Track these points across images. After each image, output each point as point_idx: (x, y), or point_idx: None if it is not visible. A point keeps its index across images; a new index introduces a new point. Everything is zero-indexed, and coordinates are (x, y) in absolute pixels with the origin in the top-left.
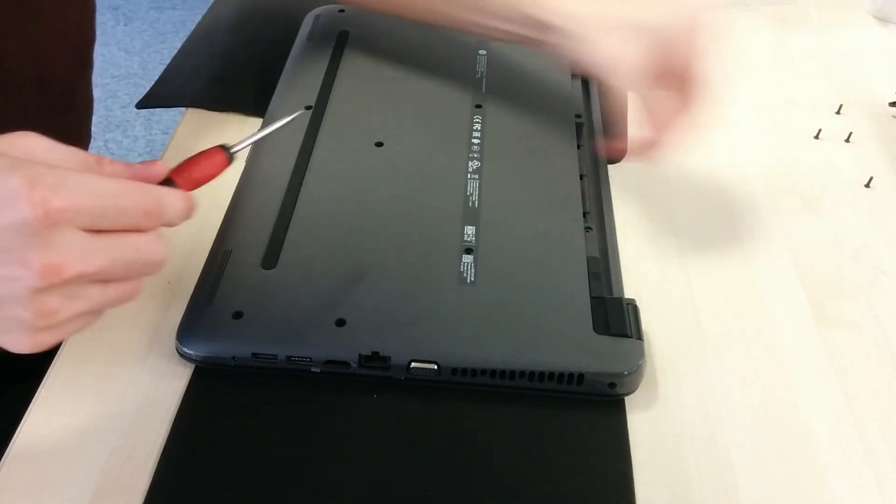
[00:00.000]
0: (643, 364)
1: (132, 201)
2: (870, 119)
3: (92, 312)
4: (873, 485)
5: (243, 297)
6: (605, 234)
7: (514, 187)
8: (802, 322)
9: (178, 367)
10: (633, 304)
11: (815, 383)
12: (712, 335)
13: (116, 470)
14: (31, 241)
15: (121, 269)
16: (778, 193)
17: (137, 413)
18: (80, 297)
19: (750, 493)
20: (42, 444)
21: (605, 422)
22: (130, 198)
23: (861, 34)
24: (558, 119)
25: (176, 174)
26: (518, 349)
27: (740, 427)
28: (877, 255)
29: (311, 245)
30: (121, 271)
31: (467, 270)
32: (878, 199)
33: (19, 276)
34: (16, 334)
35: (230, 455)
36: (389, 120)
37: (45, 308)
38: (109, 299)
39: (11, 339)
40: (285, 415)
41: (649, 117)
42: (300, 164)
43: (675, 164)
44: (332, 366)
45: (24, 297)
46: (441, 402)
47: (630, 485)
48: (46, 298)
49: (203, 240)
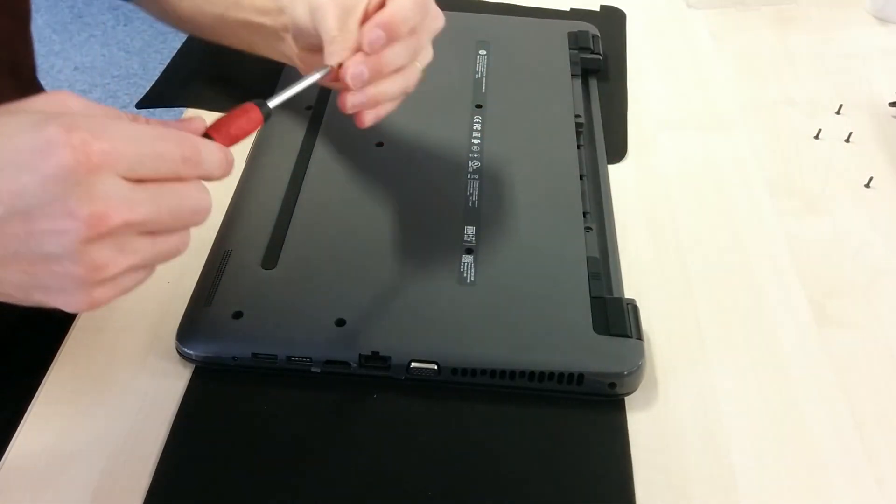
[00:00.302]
0: (643, 364)
1: (171, 147)
2: (870, 119)
3: (144, 267)
4: (873, 485)
5: (243, 297)
6: (605, 234)
7: (514, 187)
8: (802, 322)
9: (178, 367)
10: (633, 304)
11: (815, 383)
12: (712, 335)
13: (116, 470)
14: (74, 190)
15: (167, 219)
16: (778, 193)
17: (137, 413)
18: (130, 250)
19: (750, 493)
20: (42, 444)
21: (605, 422)
22: (169, 143)
23: (861, 34)
24: (558, 119)
25: (213, 130)
26: (518, 349)
27: (740, 427)
28: (877, 255)
29: (311, 245)
30: (167, 220)
31: (467, 271)
32: (878, 199)
33: (67, 229)
34: (71, 293)
35: (230, 455)
36: (389, 120)
37: (97, 261)
38: (160, 252)
39: (68, 299)
40: (285, 415)
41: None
42: (300, 164)
43: (676, 164)
44: (332, 366)
45: (74, 252)
46: (441, 402)
47: (630, 485)
48: (96, 250)
49: (203, 240)
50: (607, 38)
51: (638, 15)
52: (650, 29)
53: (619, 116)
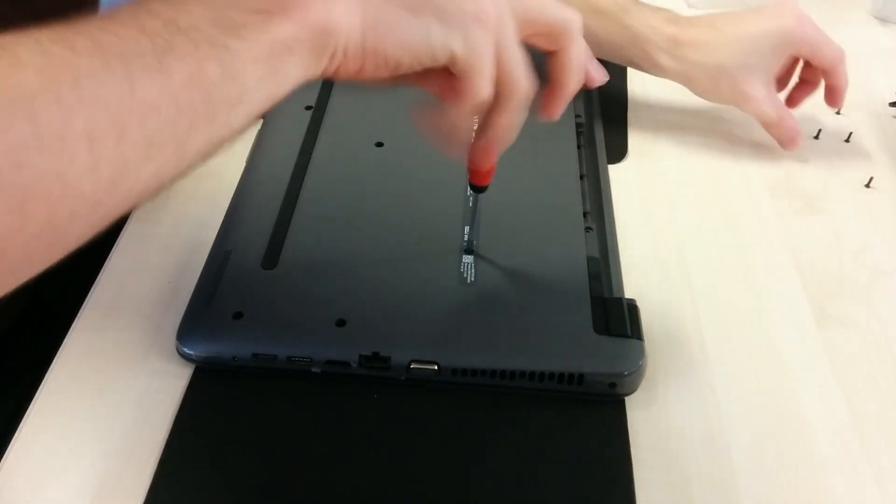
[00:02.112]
0: (643, 364)
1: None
2: (870, 119)
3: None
4: (873, 484)
5: (243, 297)
6: (605, 234)
7: (514, 188)
8: (802, 322)
9: (178, 367)
10: (633, 304)
11: (815, 383)
12: (712, 335)
13: (116, 470)
14: None
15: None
16: (778, 193)
17: (137, 413)
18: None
19: (750, 493)
20: (42, 444)
21: (605, 422)
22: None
23: (861, 34)
24: (558, 119)
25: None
26: (518, 349)
27: (740, 427)
28: (877, 255)
29: (311, 245)
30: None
31: (467, 270)
32: (878, 199)
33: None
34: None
35: (230, 455)
36: (389, 120)
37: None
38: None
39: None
40: (285, 415)
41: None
42: (300, 164)
43: (676, 165)
44: (333, 366)
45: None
46: (441, 402)
47: (630, 485)
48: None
49: (203, 240)
50: None
51: None
52: None
53: (620, 116)
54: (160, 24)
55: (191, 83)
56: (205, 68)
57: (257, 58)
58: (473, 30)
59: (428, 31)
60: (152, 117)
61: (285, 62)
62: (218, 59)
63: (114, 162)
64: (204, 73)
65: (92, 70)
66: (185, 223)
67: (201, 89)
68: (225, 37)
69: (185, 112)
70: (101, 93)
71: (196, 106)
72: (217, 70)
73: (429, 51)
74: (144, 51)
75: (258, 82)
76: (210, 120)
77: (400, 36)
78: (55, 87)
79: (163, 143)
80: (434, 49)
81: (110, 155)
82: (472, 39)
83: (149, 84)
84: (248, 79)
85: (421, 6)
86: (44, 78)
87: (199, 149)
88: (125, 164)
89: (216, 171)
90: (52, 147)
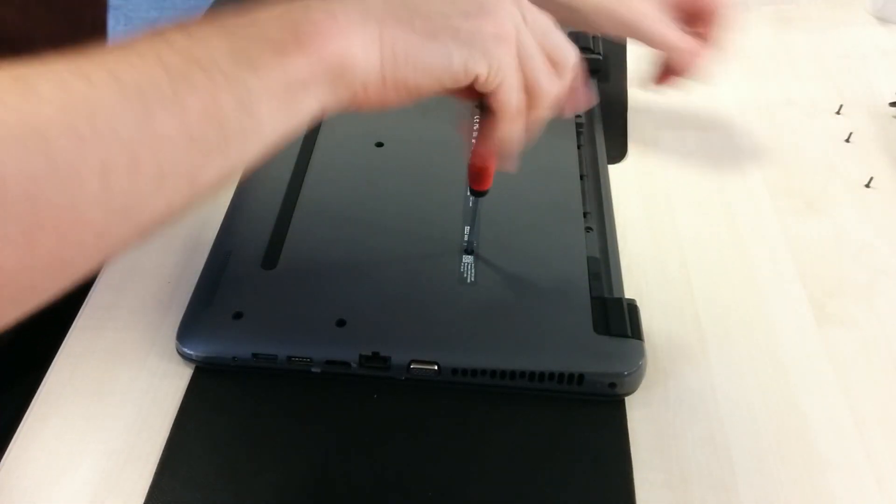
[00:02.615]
0: (643, 364)
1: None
2: (870, 119)
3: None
4: (873, 485)
5: (243, 297)
6: (605, 234)
7: (514, 187)
8: (802, 322)
9: (178, 367)
10: (633, 304)
11: (815, 383)
12: (712, 335)
13: (116, 470)
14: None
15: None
16: (778, 193)
17: (137, 413)
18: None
19: (750, 493)
20: (42, 444)
21: (605, 422)
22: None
23: (861, 34)
24: (558, 119)
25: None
26: (518, 349)
27: (740, 427)
28: (877, 255)
29: (311, 245)
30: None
31: (467, 271)
32: (878, 199)
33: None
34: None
35: (230, 455)
36: (389, 120)
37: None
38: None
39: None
40: (286, 415)
41: (674, 52)
42: (300, 164)
43: (676, 164)
44: (333, 366)
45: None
46: (441, 402)
47: (630, 485)
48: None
49: (203, 240)
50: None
51: None
52: None
53: (620, 116)
54: (177, 56)
55: (205, 116)
56: (220, 101)
57: (273, 92)
58: (495, 49)
59: (449, 56)
60: (166, 149)
61: (301, 97)
62: (233, 93)
63: (125, 193)
64: (219, 106)
65: (109, 103)
66: (185, 223)
67: (216, 122)
68: (241, 71)
69: (199, 144)
70: (117, 126)
71: (210, 138)
72: (232, 103)
73: (451, 75)
74: (161, 83)
75: (273, 116)
76: (223, 152)
77: (420, 63)
78: (71, 120)
79: (175, 175)
80: (456, 73)
81: (122, 187)
82: (496, 59)
83: (164, 116)
84: (262, 113)
85: (439, 31)
86: (60, 111)
87: (210, 180)
88: (137, 195)
89: None
90: (65, 180)
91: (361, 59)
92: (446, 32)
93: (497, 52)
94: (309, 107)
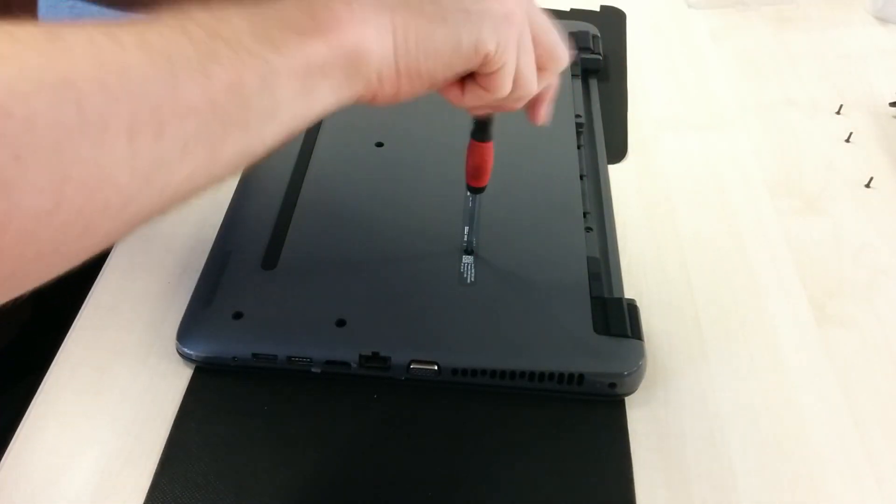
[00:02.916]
0: (643, 364)
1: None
2: (870, 119)
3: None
4: (873, 485)
5: (243, 297)
6: (605, 234)
7: (514, 187)
8: (802, 322)
9: (178, 367)
10: (633, 304)
11: (815, 383)
12: (712, 335)
13: (116, 470)
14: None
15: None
16: (778, 193)
17: (137, 413)
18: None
19: (750, 493)
20: (42, 444)
21: (605, 422)
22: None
23: (861, 34)
24: (558, 119)
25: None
26: (518, 349)
27: (740, 427)
28: (877, 255)
29: (311, 245)
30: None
31: (467, 271)
32: (878, 199)
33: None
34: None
35: (230, 455)
36: (389, 120)
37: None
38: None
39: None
40: (285, 415)
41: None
42: (300, 164)
43: (676, 164)
44: (333, 366)
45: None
46: (441, 402)
47: (630, 485)
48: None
49: (203, 240)
50: (607, 39)
51: (638, 15)
52: (650, 29)
53: (620, 116)
54: (202, 30)
55: (229, 89)
56: (243, 77)
57: (293, 74)
58: (503, 28)
59: (458, 38)
60: (190, 118)
61: (319, 84)
62: (256, 71)
63: (150, 157)
64: (242, 81)
65: (138, 65)
66: (185, 223)
67: (239, 97)
68: (264, 49)
69: (221, 117)
70: (146, 87)
71: (232, 113)
72: (255, 81)
73: (462, 56)
74: (188, 53)
75: (292, 99)
76: (244, 129)
77: (432, 48)
78: (103, 76)
79: (197, 146)
80: (466, 53)
81: (148, 150)
82: (503, 38)
83: (190, 85)
84: (283, 94)
85: (449, 14)
86: (92, 65)
87: (230, 157)
88: (161, 161)
89: None
90: (94, 134)
91: (377, 48)
92: (456, 15)
93: (504, 31)
94: (325, 96)
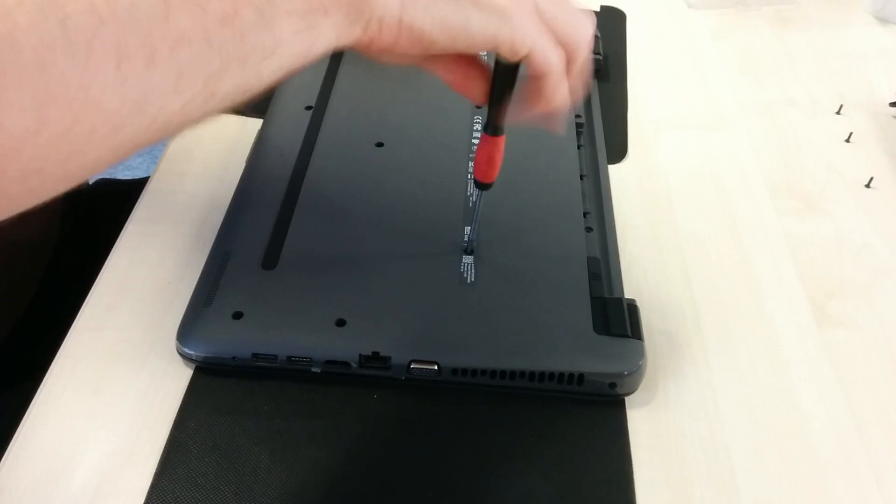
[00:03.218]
0: (643, 364)
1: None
2: (870, 119)
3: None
4: (873, 484)
5: (243, 297)
6: (605, 234)
7: (514, 187)
8: (802, 322)
9: (178, 367)
10: (633, 304)
11: (815, 383)
12: (712, 335)
13: (116, 470)
14: None
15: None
16: (778, 193)
17: (137, 413)
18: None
19: (750, 493)
20: (42, 444)
21: (605, 422)
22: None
23: (861, 34)
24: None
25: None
26: (518, 349)
27: (740, 427)
28: (877, 255)
29: (311, 245)
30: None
31: (467, 271)
32: (878, 199)
33: None
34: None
35: (230, 455)
36: (389, 120)
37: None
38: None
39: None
40: (285, 415)
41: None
42: (300, 164)
43: (676, 164)
44: (333, 366)
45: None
46: (441, 402)
47: (630, 485)
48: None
49: (203, 240)
50: (607, 39)
51: (638, 15)
52: (650, 29)
53: (620, 116)
54: None
55: (225, 22)
56: (240, 11)
57: (293, 11)
58: (514, 18)
59: (467, 18)
60: (183, 48)
61: (320, 22)
62: (254, 5)
63: (141, 85)
64: (239, 15)
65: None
66: (185, 223)
67: (235, 31)
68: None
69: (217, 51)
70: (135, 11)
71: (228, 47)
72: (253, 15)
73: (467, 36)
74: None
75: (292, 37)
76: (241, 64)
77: (440, 14)
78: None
79: (192, 78)
80: (472, 35)
81: (138, 77)
82: (520, 28)
83: (183, 13)
84: (282, 31)
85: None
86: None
87: (227, 92)
88: (152, 90)
89: (216, 172)
90: (78, 54)
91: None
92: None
93: (516, 21)
94: (327, 35)
